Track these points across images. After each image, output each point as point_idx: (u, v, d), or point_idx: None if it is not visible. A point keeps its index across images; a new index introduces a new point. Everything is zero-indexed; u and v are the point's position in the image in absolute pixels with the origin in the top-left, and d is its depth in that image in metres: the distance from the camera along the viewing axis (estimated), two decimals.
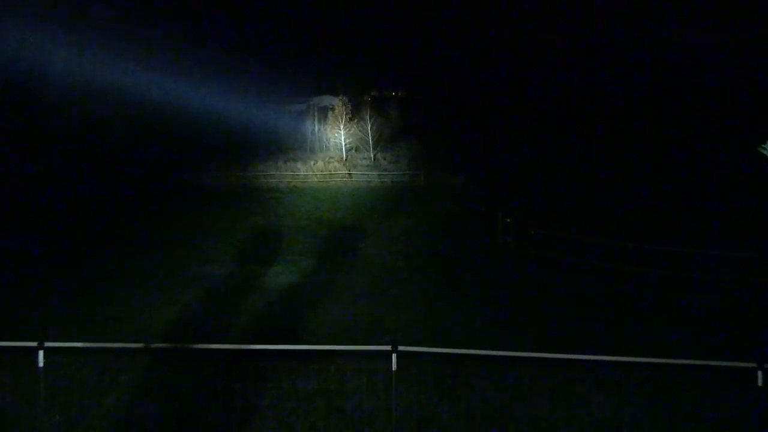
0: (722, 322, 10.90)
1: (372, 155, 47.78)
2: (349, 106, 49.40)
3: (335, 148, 50.36)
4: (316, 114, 55.67)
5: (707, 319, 11.13)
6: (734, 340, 9.61)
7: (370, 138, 47.79)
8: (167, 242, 19.99)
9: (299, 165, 45.03)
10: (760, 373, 5.67)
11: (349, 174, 42.15)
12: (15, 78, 37.57)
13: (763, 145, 21.88)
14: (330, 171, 43.33)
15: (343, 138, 48.15)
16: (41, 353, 6.01)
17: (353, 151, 50.54)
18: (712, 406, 6.64)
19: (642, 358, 6.70)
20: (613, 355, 6.85)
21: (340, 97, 50.00)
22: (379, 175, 41.62)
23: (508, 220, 18.03)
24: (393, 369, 6.13)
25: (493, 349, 8.18)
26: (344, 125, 48.20)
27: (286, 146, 53.61)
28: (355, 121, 49.43)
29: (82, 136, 38.59)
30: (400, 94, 71.00)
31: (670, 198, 26.56)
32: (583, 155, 35.74)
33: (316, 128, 54.61)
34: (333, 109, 50.65)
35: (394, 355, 6.07)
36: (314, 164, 45.30)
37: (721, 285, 13.23)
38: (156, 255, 17.57)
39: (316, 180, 41.04)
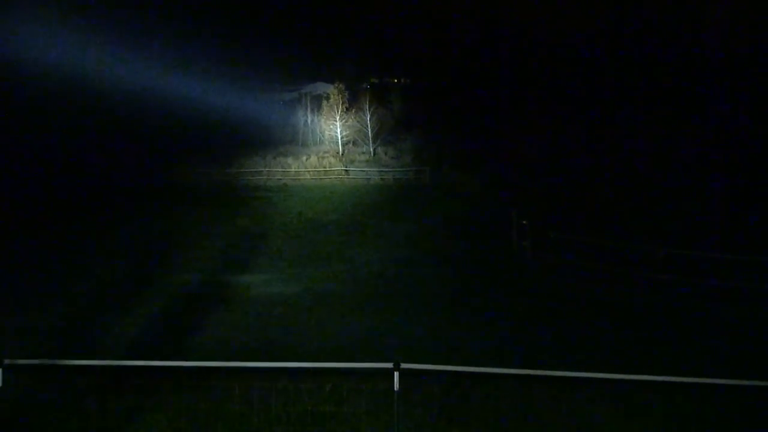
0: None
1: (371, 150, 47.90)
2: (346, 94, 49.61)
3: (330, 142, 50.52)
4: (308, 103, 55.84)
5: (759, 333, 11.08)
6: None
7: (369, 130, 47.96)
8: (141, 248, 19.97)
9: (290, 160, 45.20)
10: None
11: (346, 170, 42.23)
12: None
13: None
14: (324, 167, 43.44)
15: (339, 130, 48.33)
16: None
17: (350, 144, 50.67)
18: None
19: (678, 378, 6.65)
20: (645, 374, 6.80)
21: (336, 85, 50.17)
22: (379, 171, 41.74)
23: (524, 222, 17.98)
24: (395, 389, 6.08)
25: (507, 368, 8.14)
26: (340, 116, 48.38)
27: (275, 140, 53.85)
28: (353, 111, 49.58)
29: (47, 131, 38.70)
30: (403, 81, 71.19)
31: (707, 199, 26.52)
32: (609, 149, 35.75)
33: (309, 119, 54.77)
34: (328, 98, 50.82)
35: (396, 374, 6.02)
36: (307, 160, 45.44)
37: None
38: (128, 262, 17.55)
39: (308, 177, 41.19)
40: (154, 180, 38.23)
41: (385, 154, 47.92)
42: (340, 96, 49.13)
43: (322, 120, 51.37)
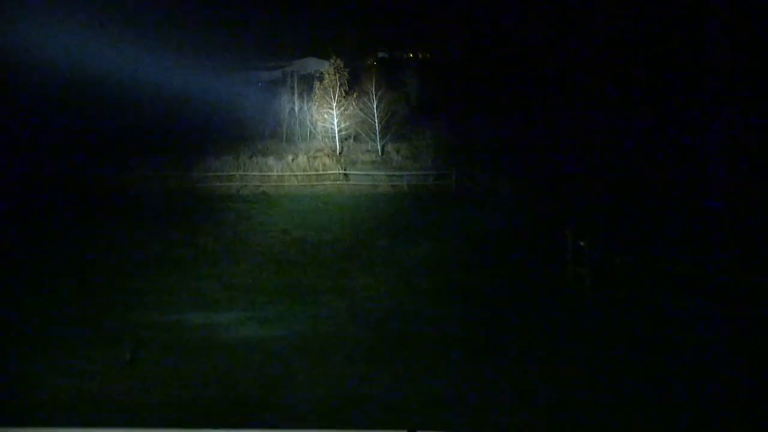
0: None
1: (379, 147, 48.09)
2: (346, 73, 49.83)
3: (324, 136, 50.72)
4: (295, 85, 56.32)
5: None
6: None
7: (376, 121, 48.12)
8: (72, 276, 20.27)
9: (271, 161, 45.37)
10: None
11: (345, 174, 42.37)
12: None
13: None
14: (317, 170, 43.60)
15: (336, 121, 48.53)
16: None
17: (351, 140, 50.88)
18: None
19: None
20: None
21: (332, 61, 50.38)
22: (389, 176, 41.82)
23: (582, 243, 18.08)
24: None
25: None
26: (338, 102, 48.59)
27: (251, 133, 54.19)
28: (354, 95, 49.85)
29: None
30: (420, 56, 71.58)
31: None
32: (692, 148, 35.74)
33: (297, 107, 55.19)
34: (321, 79, 51.16)
35: None
36: (293, 160, 45.60)
37: None
38: (53, 296, 17.85)
39: (296, 183, 41.37)
40: (91, 185, 38.63)
41: (397, 152, 48.05)
42: (337, 76, 49.33)
43: (314, 107, 51.57)
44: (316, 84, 51.08)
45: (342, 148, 49.04)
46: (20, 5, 50.43)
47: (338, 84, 48.98)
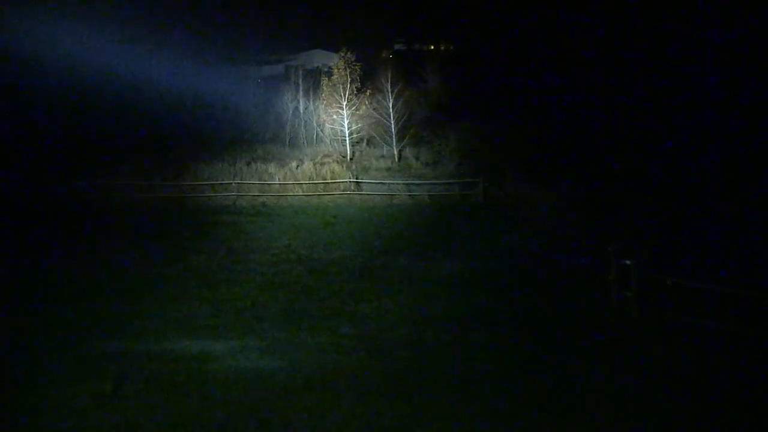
0: None
1: (396, 151, 48.15)
2: (357, 68, 50.00)
3: (333, 140, 50.90)
4: (300, 82, 56.59)
5: None
6: None
7: (392, 122, 48.22)
8: (48, 299, 20.44)
9: (272, 168, 45.51)
10: None
11: (357, 183, 42.40)
12: None
13: None
14: (324, 178, 43.66)
15: (346, 122, 48.70)
16: None
17: (364, 144, 51.03)
18: None
19: None
20: None
21: (342, 54, 50.54)
22: (407, 185, 41.77)
23: (627, 261, 18.01)
24: None
25: None
26: (349, 101, 48.78)
27: (249, 136, 54.49)
28: (367, 93, 50.02)
29: None
30: (442, 48, 71.68)
31: None
32: (748, 157, 35.58)
33: (301, 106, 55.41)
34: (329, 74, 51.46)
35: None
36: (298, 167, 45.72)
37: None
38: (28, 321, 18.00)
39: (300, 193, 41.43)
40: (67, 195, 38.81)
41: (417, 158, 48.05)
42: (347, 71, 49.48)
43: (321, 107, 51.78)
44: (324, 80, 51.14)
45: (353, 153, 49.10)
46: None
47: (349, 80, 49.05)
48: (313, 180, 43.21)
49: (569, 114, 45.53)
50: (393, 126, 47.95)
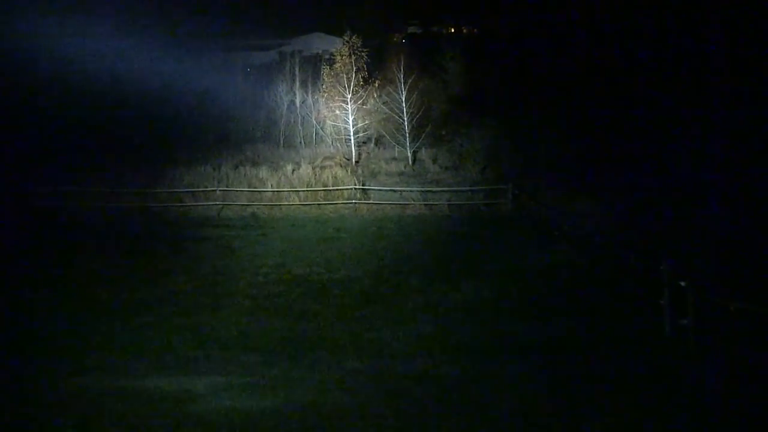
0: None
1: (409, 153, 48.19)
2: (364, 54, 50.02)
3: (336, 139, 51.01)
4: (297, 71, 56.82)
5: None
6: None
7: (405, 119, 48.27)
8: (2, 328, 20.56)
9: (263, 172, 45.58)
10: None
11: (364, 190, 42.43)
12: None
13: None
14: (325, 184, 43.68)
15: (351, 119, 48.76)
16: None
17: (372, 144, 51.16)
18: None
19: None
20: None
21: (346, 38, 50.58)
22: (423, 193, 41.82)
23: (683, 283, 17.98)
24: None
25: None
26: (354, 93, 48.86)
27: (237, 135, 54.68)
28: (376, 84, 50.19)
29: None
30: (465, 31, 71.64)
31: None
32: None
33: (298, 99, 55.62)
34: (331, 62, 51.49)
35: None
36: (294, 171, 45.79)
37: None
38: None
39: (297, 202, 41.49)
40: (22, 205, 38.96)
41: (434, 161, 48.04)
42: (353, 58, 49.46)
43: (322, 101, 51.94)
44: (325, 69, 51.17)
45: (359, 155, 49.17)
46: None
47: (354, 69, 49.07)
48: (311, 187, 43.19)
49: (616, 110, 45.37)
50: (406, 123, 47.93)
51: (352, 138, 48.47)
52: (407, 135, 47.67)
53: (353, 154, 48.25)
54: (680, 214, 32.32)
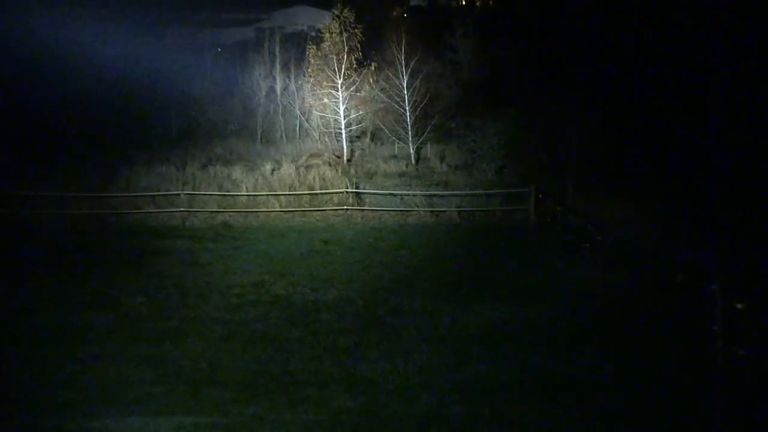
0: None
1: (412, 150, 48.25)
2: (358, 32, 50.00)
3: (324, 133, 51.08)
4: (277, 51, 56.83)
5: None
6: None
7: (406, 109, 48.35)
8: None
9: (237, 173, 45.57)
10: None
11: (357, 194, 42.42)
12: None
13: None
14: (311, 187, 43.62)
15: (342, 108, 48.80)
16: None
17: (367, 139, 51.26)
18: None
19: None
20: None
21: (337, 12, 50.55)
22: (428, 197, 41.78)
23: (739, 306, 18.00)
24: None
25: None
26: (346, 78, 48.88)
27: (205, 129, 54.69)
28: (372, 68, 50.23)
29: None
30: (478, 3, 71.72)
31: None
32: None
33: (279, 85, 55.66)
34: (319, 41, 51.48)
35: None
36: (273, 171, 45.79)
37: None
38: None
39: (278, 208, 41.38)
40: None
41: (442, 159, 48.08)
42: (344, 36, 49.37)
43: (307, 87, 51.94)
44: (311, 49, 51.02)
45: (352, 152, 49.24)
46: None
47: (346, 49, 49.02)
48: (295, 190, 43.06)
49: (660, 102, 45.36)
50: (408, 114, 47.99)
51: (343, 132, 48.50)
52: (409, 128, 47.71)
53: (345, 150, 48.29)
54: (735, 223, 32.38)
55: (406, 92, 47.54)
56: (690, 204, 35.11)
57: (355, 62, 48.82)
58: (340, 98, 48.06)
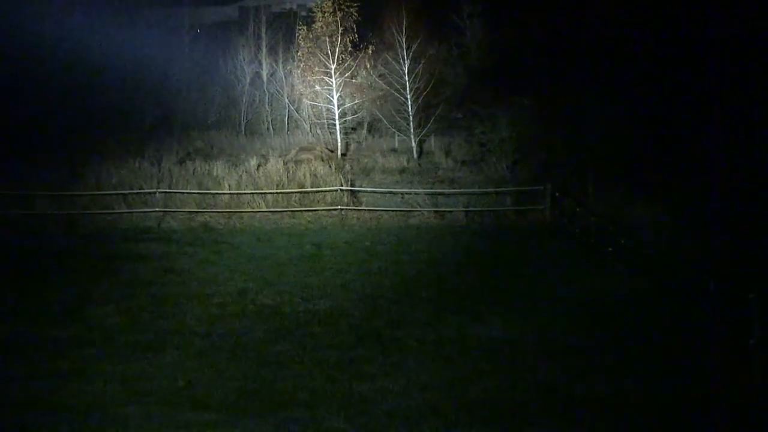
0: None
1: (414, 143, 48.38)
2: (354, 11, 49.96)
3: (316, 125, 51.18)
4: (263, 32, 56.87)
5: None
6: None
7: (408, 98, 48.44)
8: None
9: (219, 169, 45.62)
10: None
11: (353, 192, 42.49)
12: None
13: None
14: (302, 185, 43.66)
15: (336, 97, 48.88)
16: None
17: (364, 131, 51.34)
18: None
19: None
20: None
21: None
22: (432, 195, 41.84)
23: None
24: None
25: None
26: (340, 63, 48.95)
27: (183, 119, 54.68)
28: (370, 51, 50.25)
29: None
30: None
31: None
32: None
33: (266, 70, 55.71)
34: (310, 21, 51.53)
35: None
36: (259, 167, 45.88)
37: None
38: None
39: (264, 209, 41.36)
40: None
41: (447, 153, 48.14)
42: (338, 15, 49.35)
43: (297, 72, 52.00)
44: (301, 30, 51.08)
45: (347, 145, 49.39)
46: None
47: (340, 30, 49.09)
48: (283, 188, 43.05)
49: (693, 91, 45.32)
50: (410, 103, 48.10)
51: (337, 123, 48.65)
52: (411, 119, 47.82)
53: (339, 144, 48.46)
54: None
55: (407, 79, 47.66)
56: (725, 206, 35.05)
57: (350, 45, 48.92)
58: (334, 85, 48.19)
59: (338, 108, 48.04)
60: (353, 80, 48.92)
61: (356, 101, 48.90)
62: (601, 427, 17.05)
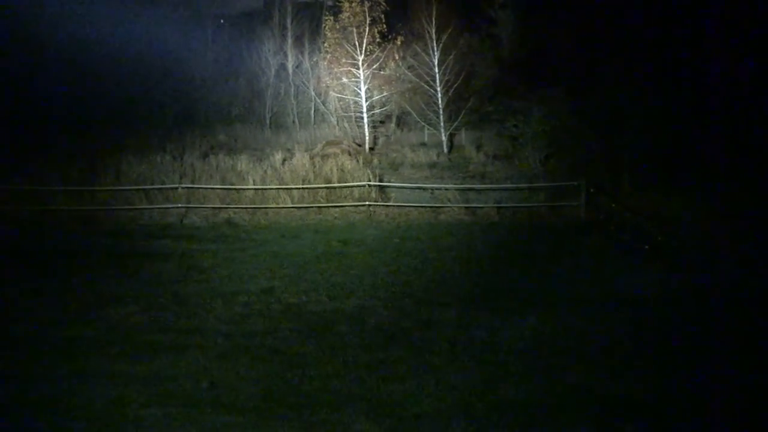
0: None
1: (444, 137, 48.30)
2: (382, 1, 49.78)
3: (343, 118, 51.14)
4: (289, 23, 56.85)
5: None
6: None
7: (438, 90, 48.37)
8: None
9: (243, 164, 45.65)
10: None
11: (381, 188, 42.46)
12: None
13: None
14: (329, 180, 43.63)
15: (363, 89, 48.82)
16: None
17: (392, 125, 51.27)
18: None
19: None
20: None
21: None
22: (462, 191, 41.76)
23: None
24: None
25: None
26: (368, 54, 48.87)
27: (206, 113, 54.77)
28: (398, 43, 50.16)
29: None
30: None
31: None
32: None
33: (291, 62, 55.74)
34: (337, 11, 51.44)
35: None
36: (285, 162, 45.90)
37: None
38: None
39: (290, 204, 41.37)
40: None
41: (479, 148, 48.02)
42: (366, 5, 49.27)
43: (323, 64, 51.95)
44: (328, 21, 51.05)
45: (375, 139, 49.31)
46: None
47: (368, 20, 48.96)
48: (309, 183, 43.03)
49: (738, 85, 44.98)
50: (440, 96, 48.00)
51: (365, 116, 48.56)
52: (441, 112, 47.73)
53: (366, 138, 48.37)
54: None
55: (437, 70, 47.56)
56: (765, 204, 34.83)
57: (378, 36, 48.80)
58: (361, 77, 48.11)
59: (366, 101, 47.96)
60: (381, 72, 48.83)
61: (384, 94, 48.82)
62: (638, 430, 16.93)
